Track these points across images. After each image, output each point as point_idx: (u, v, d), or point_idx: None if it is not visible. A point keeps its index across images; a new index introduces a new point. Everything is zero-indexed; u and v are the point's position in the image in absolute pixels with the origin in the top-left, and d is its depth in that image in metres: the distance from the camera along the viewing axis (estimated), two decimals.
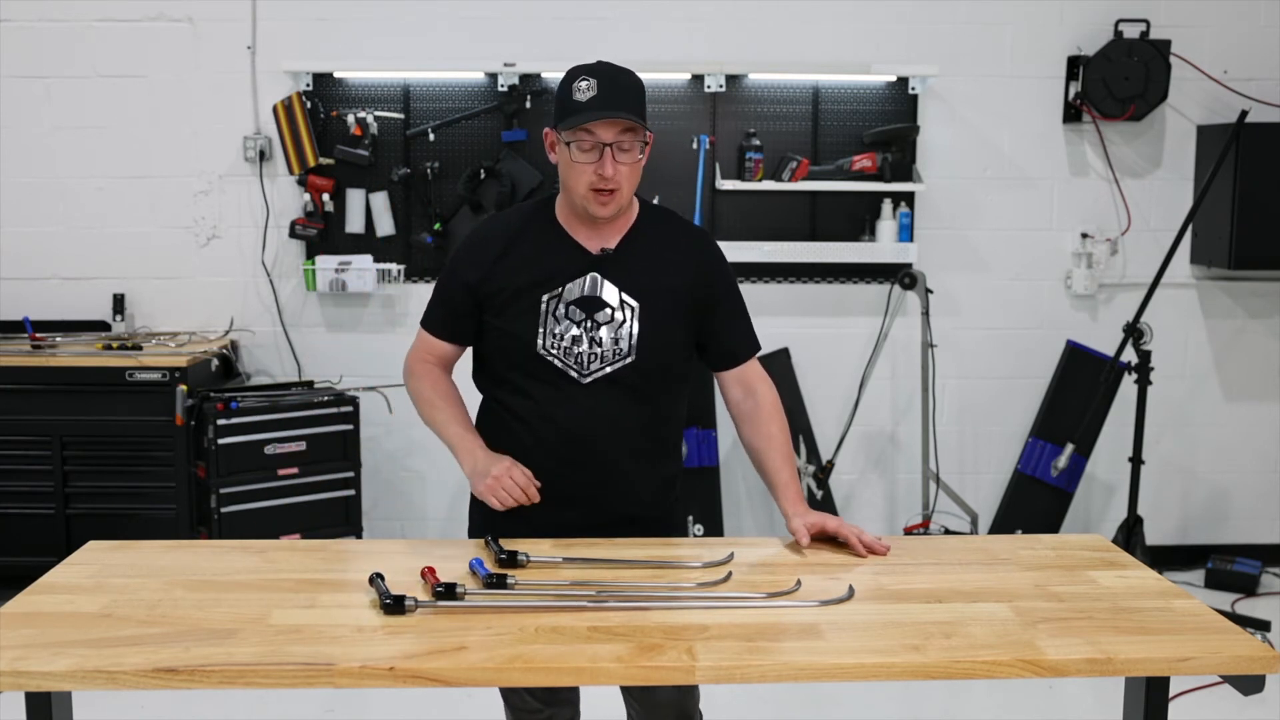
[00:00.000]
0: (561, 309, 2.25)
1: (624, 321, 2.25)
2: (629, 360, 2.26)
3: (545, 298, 2.25)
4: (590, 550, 2.20)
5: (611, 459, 2.29)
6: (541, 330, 2.25)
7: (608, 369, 2.26)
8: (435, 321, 2.39)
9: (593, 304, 2.25)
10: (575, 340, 2.24)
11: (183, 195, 4.59)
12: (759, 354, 2.45)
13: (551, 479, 2.27)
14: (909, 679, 1.81)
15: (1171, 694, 1.89)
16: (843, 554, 2.25)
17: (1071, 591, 2.03)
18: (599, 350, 2.25)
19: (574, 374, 2.25)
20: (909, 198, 4.62)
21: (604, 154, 2.16)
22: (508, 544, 2.16)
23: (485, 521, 2.31)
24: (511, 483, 2.20)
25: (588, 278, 2.27)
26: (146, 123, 4.54)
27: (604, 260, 2.27)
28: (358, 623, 1.85)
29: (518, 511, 2.26)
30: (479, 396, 2.44)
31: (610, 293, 2.26)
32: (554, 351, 2.25)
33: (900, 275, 4.53)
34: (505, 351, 2.30)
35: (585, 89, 2.15)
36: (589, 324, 2.25)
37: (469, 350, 2.44)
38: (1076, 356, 4.72)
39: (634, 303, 2.26)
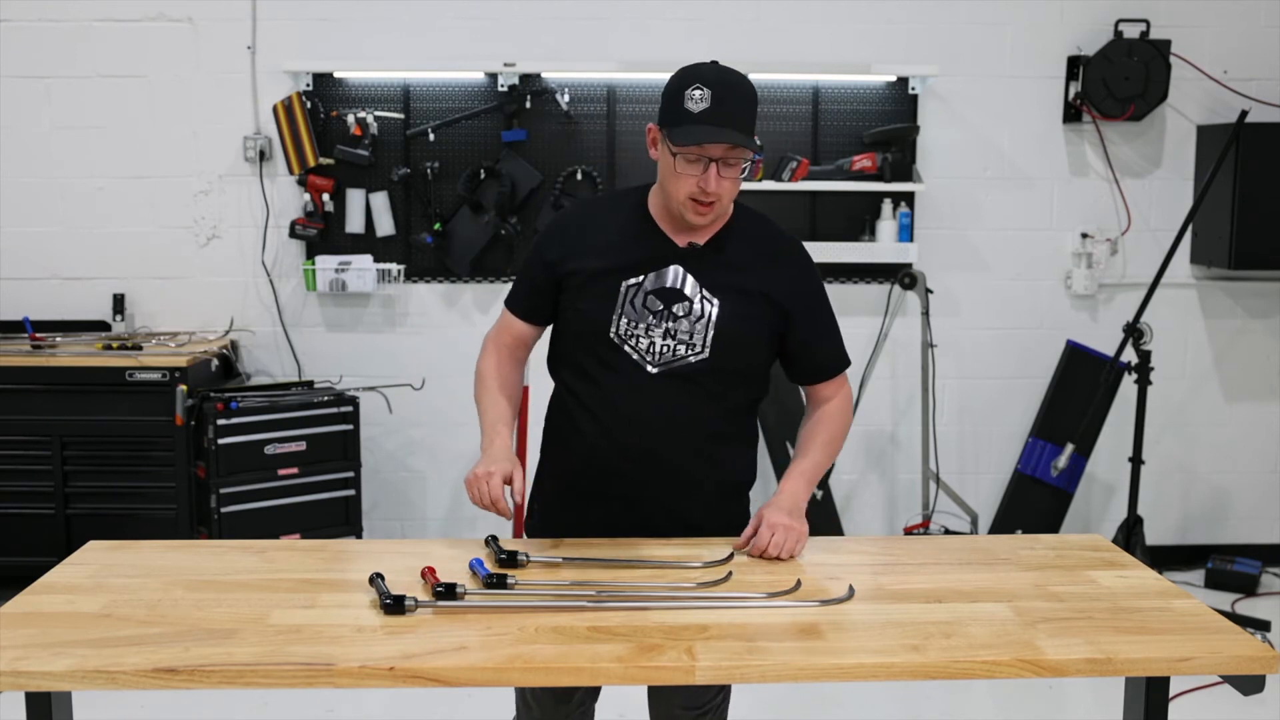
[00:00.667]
0: (640, 297, 2.22)
1: (701, 317, 2.22)
2: (703, 356, 2.22)
3: (625, 284, 2.23)
4: (590, 550, 2.20)
5: (671, 454, 2.24)
6: (616, 315, 2.22)
7: (678, 362, 2.23)
8: (515, 298, 2.38)
9: (672, 296, 2.22)
10: (649, 329, 2.22)
11: (183, 195, 4.59)
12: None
13: (611, 476, 2.26)
14: (909, 679, 1.81)
15: (1171, 694, 1.89)
16: (842, 554, 2.25)
17: (1071, 591, 2.03)
18: (672, 343, 2.22)
19: (644, 364, 2.22)
20: (909, 198, 4.62)
21: (708, 168, 2.12)
22: (507, 544, 2.17)
23: (545, 520, 2.32)
24: (487, 489, 2.14)
25: (670, 269, 2.24)
26: (146, 123, 4.54)
27: (690, 255, 2.24)
28: (358, 623, 1.85)
29: (577, 511, 2.27)
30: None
31: (691, 287, 2.23)
32: (626, 338, 2.22)
33: (900, 275, 4.53)
34: (577, 334, 2.28)
35: (699, 99, 2.10)
36: (665, 315, 2.22)
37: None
38: (1076, 356, 4.72)
39: (714, 300, 2.23)
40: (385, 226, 4.57)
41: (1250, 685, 1.79)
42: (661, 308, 2.22)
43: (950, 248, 4.72)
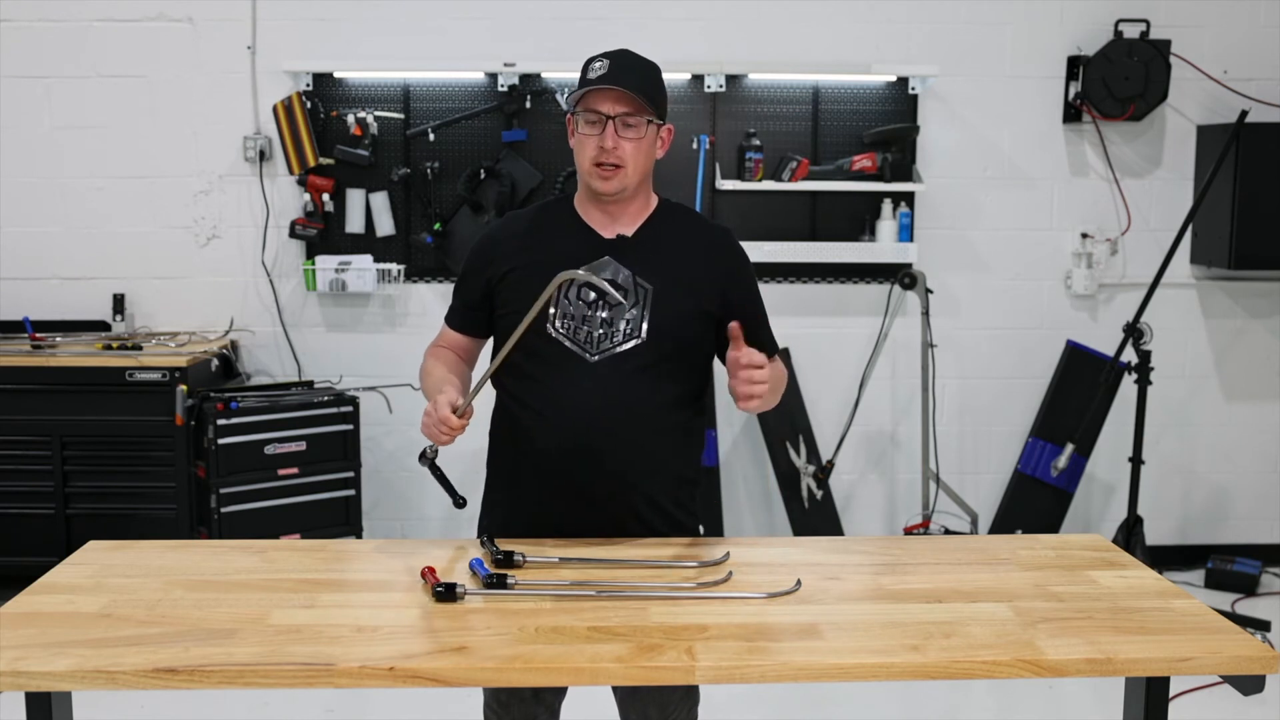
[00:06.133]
0: (574, 291, 2.25)
1: (636, 303, 2.25)
2: (639, 341, 2.24)
3: (557, 279, 2.24)
4: (590, 550, 2.20)
5: (619, 444, 2.23)
6: (553, 310, 2.24)
7: (616, 349, 2.24)
8: (451, 313, 2.45)
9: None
10: (585, 320, 2.24)
11: (183, 195, 4.59)
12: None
13: (561, 473, 2.25)
14: (909, 679, 1.80)
15: (1171, 694, 1.89)
16: (842, 554, 2.25)
17: (1071, 591, 2.03)
18: (608, 330, 2.24)
19: (583, 355, 2.23)
20: (909, 198, 4.62)
21: (606, 127, 2.21)
22: (504, 544, 2.16)
23: (503, 524, 2.31)
24: (433, 412, 2.19)
25: (601, 261, 2.27)
26: (147, 123, 4.54)
27: (619, 245, 2.28)
28: (357, 623, 1.85)
29: (531, 514, 2.27)
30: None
31: (624, 276, 2.26)
32: (563, 331, 2.24)
33: (900, 275, 4.53)
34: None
35: (598, 68, 2.23)
36: (600, 305, 2.24)
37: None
38: (1076, 356, 4.72)
39: (648, 286, 2.26)
40: (385, 226, 4.57)
41: (1250, 685, 1.79)
42: (595, 298, 2.24)
43: (950, 248, 4.72)
